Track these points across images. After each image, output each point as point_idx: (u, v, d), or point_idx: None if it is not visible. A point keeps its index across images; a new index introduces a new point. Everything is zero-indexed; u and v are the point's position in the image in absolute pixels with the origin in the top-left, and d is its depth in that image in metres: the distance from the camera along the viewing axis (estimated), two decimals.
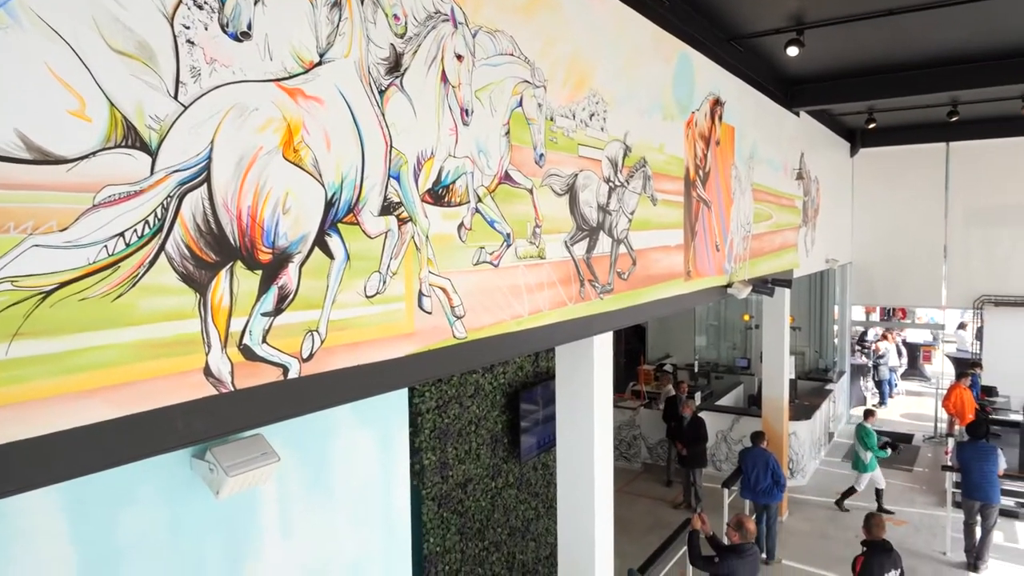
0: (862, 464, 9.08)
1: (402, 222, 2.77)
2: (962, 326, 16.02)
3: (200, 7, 2.02)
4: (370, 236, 2.62)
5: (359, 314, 2.58)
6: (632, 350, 14.30)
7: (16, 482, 1.71)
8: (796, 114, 8.99)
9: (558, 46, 3.81)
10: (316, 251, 2.41)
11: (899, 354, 16.57)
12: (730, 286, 6.51)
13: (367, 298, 2.61)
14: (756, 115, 7.36)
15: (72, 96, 1.75)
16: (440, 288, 2.98)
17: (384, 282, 2.68)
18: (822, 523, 8.93)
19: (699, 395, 11.28)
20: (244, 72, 2.15)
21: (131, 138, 1.87)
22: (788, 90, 8.55)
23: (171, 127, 1.96)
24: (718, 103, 6.24)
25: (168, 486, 2.48)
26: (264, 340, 2.23)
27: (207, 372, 2.07)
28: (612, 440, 4.94)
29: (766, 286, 7.38)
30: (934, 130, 11.98)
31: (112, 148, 1.83)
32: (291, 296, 2.32)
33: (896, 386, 16.07)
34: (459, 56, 3.06)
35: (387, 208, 2.69)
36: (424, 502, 5.16)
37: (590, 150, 4.15)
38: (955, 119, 10.09)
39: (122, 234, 1.86)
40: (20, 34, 1.65)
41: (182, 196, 1.99)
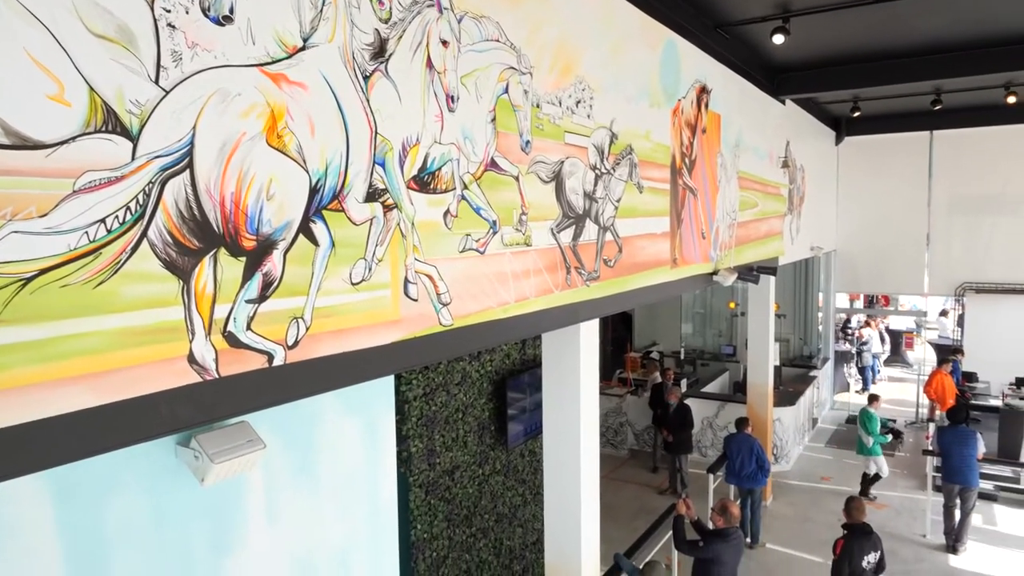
0: (866, 449, 9.10)
1: (388, 209, 2.76)
2: (944, 313, 16.22)
3: None
4: (355, 223, 2.61)
5: (344, 301, 2.58)
6: (619, 338, 14.37)
7: None
8: (782, 102, 9.02)
9: (544, 32, 3.79)
10: (301, 238, 2.39)
11: (882, 341, 16.76)
12: (716, 274, 6.55)
13: (352, 285, 2.61)
14: (742, 103, 7.37)
15: (50, 80, 1.73)
16: (426, 275, 2.98)
17: (370, 269, 2.68)
18: (805, 507, 9.05)
19: (685, 382, 11.36)
20: (226, 57, 2.12)
21: (111, 123, 1.85)
22: (774, 78, 8.57)
23: (152, 112, 1.93)
24: (704, 91, 6.24)
25: (153, 474, 2.47)
26: (249, 327, 2.23)
27: (191, 359, 2.06)
28: (598, 427, 4.98)
29: (751, 274, 7.43)
30: (918, 119, 12.07)
31: (92, 133, 1.81)
32: (276, 283, 2.31)
33: (879, 372, 16.26)
34: (444, 42, 3.05)
35: (372, 195, 2.68)
36: (411, 489, 5.17)
37: (576, 137, 4.15)
38: (939, 108, 10.16)
39: (103, 220, 1.84)
40: None
41: (164, 182, 1.97)
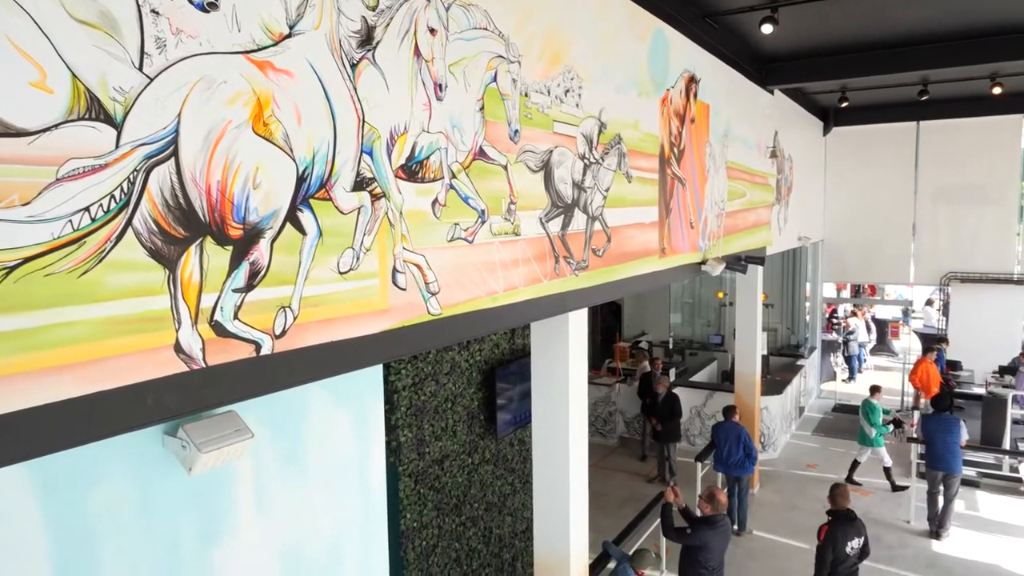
0: (868, 439, 9.15)
1: (375, 198, 2.75)
2: (929, 302, 16.39)
3: None
4: (343, 212, 2.60)
5: (332, 290, 2.57)
6: (608, 328, 14.42)
7: None
8: (770, 92, 9.04)
9: (533, 20, 3.78)
10: (288, 227, 2.38)
11: (868, 330, 16.92)
12: (704, 263, 6.58)
13: (340, 274, 2.60)
14: (730, 93, 7.38)
15: (32, 67, 1.71)
16: (414, 264, 2.98)
17: (357, 258, 2.67)
18: (792, 495, 9.15)
19: (673, 371, 11.43)
20: (211, 44, 2.10)
21: (95, 110, 1.83)
22: (762, 68, 8.59)
23: (136, 99, 1.92)
24: (693, 80, 6.25)
25: (140, 464, 2.46)
26: (236, 316, 2.22)
27: (178, 348, 2.05)
28: (587, 416, 5.00)
29: (739, 263, 7.46)
30: (905, 109, 12.14)
31: (75, 120, 1.79)
32: (263, 272, 2.30)
33: (865, 361, 16.43)
34: (432, 30, 3.03)
35: (360, 184, 2.67)
36: (401, 478, 5.18)
37: (565, 126, 4.15)
38: (925, 98, 10.22)
39: (87, 209, 1.82)
40: None
41: (149, 170, 1.96)
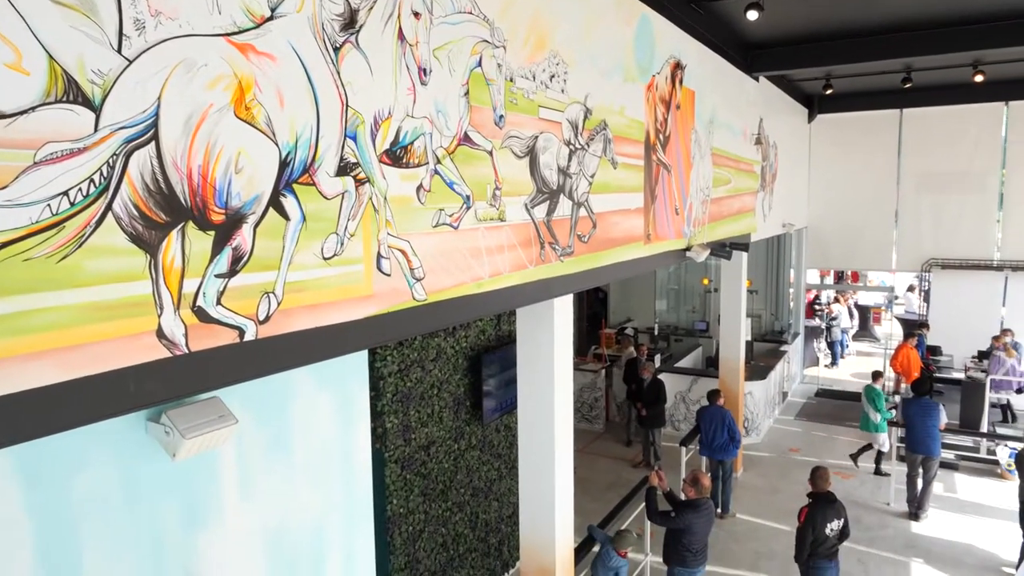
0: (873, 425, 9.21)
1: (359, 183, 2.74)
2: (911, 288, 16.57)
3: None
4: (326, 197, 2.59)
5: (317, 276, 2.56)
6: (594, 315, 14.48)
7: None
8: (755, 79, 9.06)
9: (518, 5, 3.75)
10: (271, 212, 2.37)
11: (851, 316, 17.11)
12: (689, 250, 6.61)
13: (324, 260, 2.59)
14: (716, 79, 7.39)
15: (8, 48, 1.68)
16: (399, 250, 2.97)
17: (342, 244, 2.66)
18: (774, 478, 9.27)
19: (659, 357, 11.50)
20: (191, 26, 2.08)
21: (72, 93, 1.81)
22: (748, 55, 8.60)
23: (115, 82, 1.89)
24: (679, 67, 6.25)
25: (124, 450, 2.46)
26: (219, 302, 2.21)
27: (160, 334, 2.04)
28: (573, 401, 5.03)
29: (724, 250, 7.51)
30: (889, 97, 12.22)
31: (53, 103, 1.77)
32: (246, 257, 2.28)
33: (847, 347, 16.61)
34: (416, 13, 3.01)
35: (344, 168, 2.66)
36: (387, 465, 5.20)
37: (550, 112, 4.14)
38: (909, 86, 10.28)
39: (66, 193, 1.80)
40: None
41: (129, 154, 1.94)
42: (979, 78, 9.71)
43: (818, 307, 17.06)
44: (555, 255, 4.26)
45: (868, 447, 9.50)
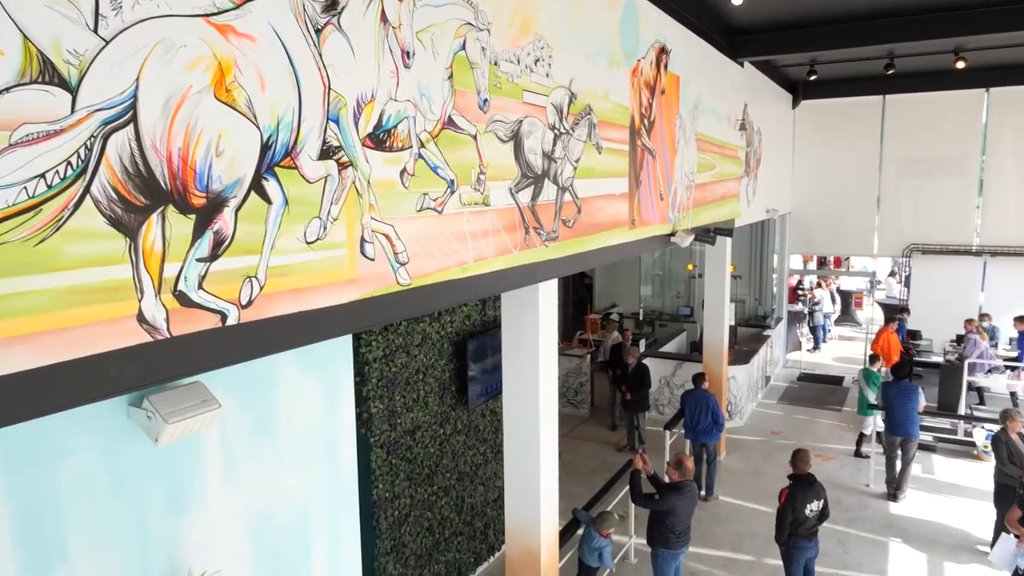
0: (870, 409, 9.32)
1: (342, 167, 2.72)
2: (892, 274, 16.77)
3: None
4: (309, 180, 2.57)
5: (299, 260, 2.55)
6: (580, 300, 14.53)
7: None
8: (740, 64, 9.07)
9: None
10: (253, 195, 2.35)
11: (833, 301, 17.28)
12: (673, 235, 6.64)
13: (307, 244, 2.58)
14: (701, 64, 7.39)
15: None
16: (383, 234, 2.96)
17: (325, 228, 2.65)
18: (757, 461, 9.39)
19: (643, 342, 11.58)
20: (170, 6, 2.05)
21: (48, 74, 1.78)
22: (733, 40, 8.60)
23: (92, 63, 1.86)
24: (664, 51, 6.24)
25: (106, 435, 2.44)
26: (200, 286, 2.19)
27: (140, 319, 2.03)
28: (558, 386, 5.06)
29: (708, 235, 7.55)
30: (872, 83, 12.30)
31: (28, 84, 1.74)
32: (227, 241, 2.27)
33: (829, 331, 16.80)
34: None
35: (326, 152, 2.64)
36: (373, 449, 5.21)
37: (535, 96, 4.12)
38: (891, 72, 10.35)
39: (43, 175, 1.78)
40: None
41: (107, 136, 1.91)
42: (960, 65, 9.79)
43: (801, 292, 17.22)
44: (540, 240, 4.26)
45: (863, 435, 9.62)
